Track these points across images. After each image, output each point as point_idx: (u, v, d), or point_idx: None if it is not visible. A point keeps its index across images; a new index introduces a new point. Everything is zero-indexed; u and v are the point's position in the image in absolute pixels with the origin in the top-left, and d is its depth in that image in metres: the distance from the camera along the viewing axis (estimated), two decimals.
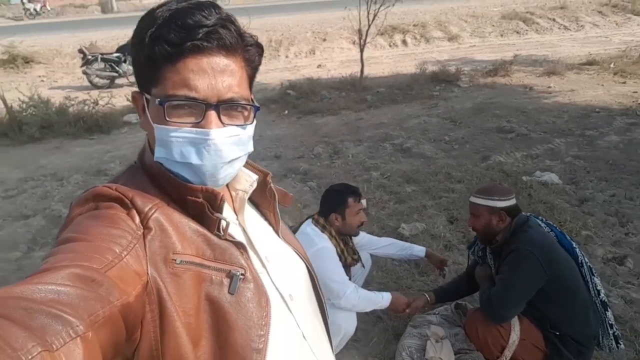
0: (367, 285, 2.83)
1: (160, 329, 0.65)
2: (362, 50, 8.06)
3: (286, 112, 7.37)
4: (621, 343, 2.08)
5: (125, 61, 10.08)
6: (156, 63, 0.69)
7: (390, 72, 9.43)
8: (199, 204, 0.73)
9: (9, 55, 12.26)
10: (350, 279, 2.45)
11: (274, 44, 12.50)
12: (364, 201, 4.07)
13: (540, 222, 2.17)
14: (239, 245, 0.76)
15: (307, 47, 12.16)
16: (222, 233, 0.74)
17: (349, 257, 2.29)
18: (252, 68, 0.78)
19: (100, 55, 10.06)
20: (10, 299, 0.49)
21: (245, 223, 0.85)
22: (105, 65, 10.10)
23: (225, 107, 0.72)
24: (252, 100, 0.78)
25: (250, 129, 0.78)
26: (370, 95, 7.82)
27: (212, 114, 0.71)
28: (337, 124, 6.65)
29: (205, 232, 0.74)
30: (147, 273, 0.65)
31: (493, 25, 12.48)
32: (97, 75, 10.19)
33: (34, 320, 0.47)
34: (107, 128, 7.15)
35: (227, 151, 0.73)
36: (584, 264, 2.10)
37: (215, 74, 0.70)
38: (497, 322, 1.99)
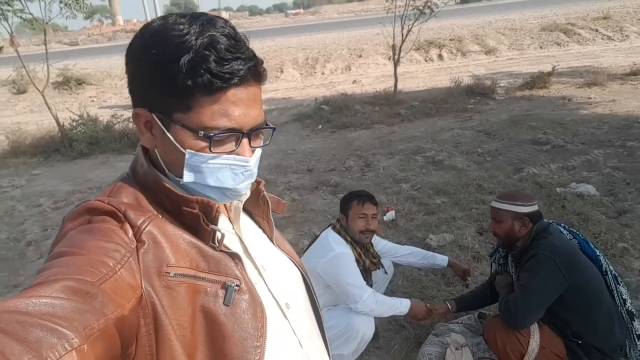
0: (392, 294, 2.85)
1: (155, 342, 0.65)
2: (395, 66, 8.12)
3: (320, 126, 7.50)
4: None
5: None
6: (190, 91, 0.68)
7: (425, 86, 9.44)
8: (195, 215, 0.73)
9: (63, 78, 13.11)
10: (371, 285, 2.49)
11: (311, 61, 12.77)
12: (391, 212, 4.12)
13: (562, 229, 2.15)
14: (233, 256, 0.76)
15: (342, 64, 12.33)
16: (217, 245, 0.74)
17: (367, 261, 2.33)
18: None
19: None
20: (5, 313, 0.48)
21: (241, 232, 0.86)
22: None
23: (254, 132, 0.75)
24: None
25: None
26: (404, 109, 7.85)
27: (246, 142, 0.74)
28: (370, 138, 6.71)
29: (200, 243, 0.74)
30: (141, 287, 0.65)
31: (532, 38, 12.26)
32: None
33: (29, 334, 0.47)
34: None
35: (255, 171, 0.78)
36: (609, 272, 2.06)
37: (250, 103, 0.72)
38: (515, 328, 1.97)
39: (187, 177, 0.74)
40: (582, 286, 1.95)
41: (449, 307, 2.35)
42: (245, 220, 0.91)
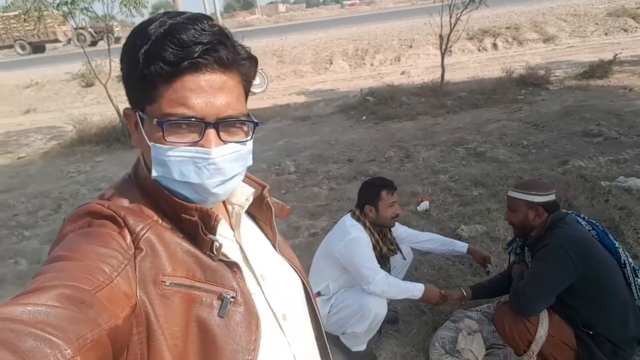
0: (418, 281, 2.91)
1: (147, 352, 0.65)
2: (443, 56, 7.98)
3: (364, 117, 7.55)
4: None
5: None
6: (151, 81, 0.68)
7: (475, 76, 9.21)
8: (193, 222, 0.72)
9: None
10: (389, 269, 2.57)
11: (360, 52, 12.76)
12: (425, 203, 4.14)
13: (580, 220, 2.12)
14: (232, 266, 0.75)
15: (392, 55, 12.24)
16: (215, 254, 0.73)
17: (384, 247, 2.41)
18: (247, 82, 0.77)
19: None
20: (0, 321, 0.49)
21: (241, 239, 0.84)
22: None
23: (224, 124, 0.71)
24: (249, 115, 0.77)
25: (250, 144, 0.77)
26: (451, 100, 7.71)
27: (212, 133, 0.70)
28: (413, 129, 6.68)
29: (197, 252, 0.73)
30: (136, 295, 0.64)
31: (597, 24, 11.56)
32: None
33: (22, 343, 0.46)
34: None
35: (228, 168, 0.73)
36: (627, 265, 2.02)
37: (213, 91, 0.69)
38: (523, 315, 1.99)
39: (155, 170, 0.72)
40: (596, 277, 1.93)
41: (464, 293, 2.38)
42: (249, 225, 0.90)
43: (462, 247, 2.58)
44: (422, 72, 10.34)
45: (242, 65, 0.74)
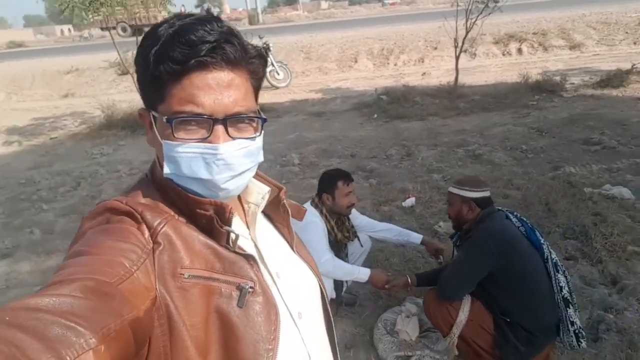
0: (386, 271, 3.10)
1: (170, 343, 0.66)
2: (457, 59, 8.07)
3: (375, 115, 7.72)
4: (582, 341, 2.11)
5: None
6: (161, 81, 0.70)
7: (494, 80, 9.21)
8: (208, 216, 0.73)
9: None
10: (347, 255, 2.78)
11: (385, 52, 12.88)
12: (411, 199, 4.31)
13: (511, 217, 2.28)
14: (248, 258, 0.76)
15: (416, 56, 12.30)
16: (232, 245, 0.74)
17: (339, 234, 2.63)
18: (256, 80, 0.78)
19: None
20: (26, 310, 0.50)
21: (257, 237, 0.85)
22: None
23: (233, 121, 0.73)
24: (258, 112, 0.78)
25: (259, 140, 0.78)
26: (464, 102, 7.79)
27: (220, 129, 0.72)
28: (420, 129, 6.82)
29: (214, 244, 0.74)
30: (156, 288, 0.66)
31: (626, 32, 11.29)
32: None
33: (49, 331, 0.48)
34: None
35: (237, 164, 0.74)
36: (549, 260, 2.17)
37: (220, 89, 0.71)
38: (446, 300, 2.18)
39: (167, 167, 0.74)
40: (516, 269, 2.09)
41: (409, 280, 2.58)
42: (266, 226, 0.91)
43: (416, 238, 2.76)
44: (442, 74, 10.39)
45: (251, 63, 0.75)
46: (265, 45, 11.21)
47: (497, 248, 2.08)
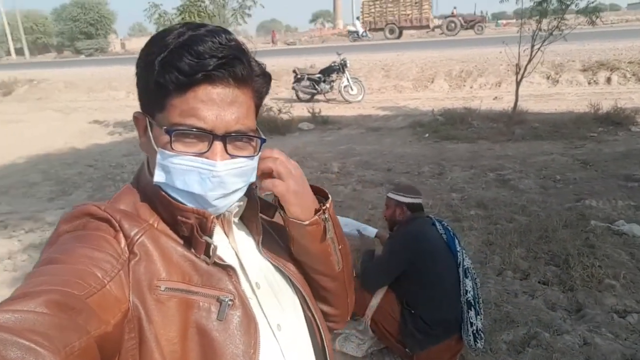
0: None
1: (139, 357, 0.65)
2: (517, 84, 8.00)
3: (427, 135, 7.92)
4: (479, 342, 2.34)
5: (324, 81, 12.06)
6: (165, 89, 0.69)
7: (566, 109, 8.90)
8: (189, 225, 0.72)
9: None
10: None
11: (464, 74, 12.84)
12: None
13: (437, 224, 2.56)
14: (228, 269, 0.75)
15: (495, 79, 12.12)
16: (210, 256, 0.73)
17: None
18: (259, 98, 0.78)
19: (306, 75, 12.29)
20: None
21: (237, 245, 0.83)
22: (309, 83, 12.26)
23: (232, 138, 0.72)
24: (258, 131, 0.77)
25: (256, 159, 0.77)
26: (521, 129, 7.70)
27: (219, 145, 0.71)
28: (464, 151, 6.93)
29: (193, 256, 0.73)
30: (129, 300, 0.65)
31: None
32: (301, 91, 12.45)
33: (6, 353, 0.46)
34: (284, 131, 8.99)
35: (230, 183, 0.73)
36: (461, 266, 2.43)
37: (224, 105, 0.70)
38: (365, 289, 2.52)
39: (158, 176, 0.72)
40: (423, 267, 2.40)
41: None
42: (240, 231, 0.87)
43: (371, 232, 3.10)
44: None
45: (255, 82, 0.75)
46: (342, 62, 11.87)
47: (409, 247, 2.40)
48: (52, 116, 13.39)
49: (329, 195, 0.87)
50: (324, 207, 0.83)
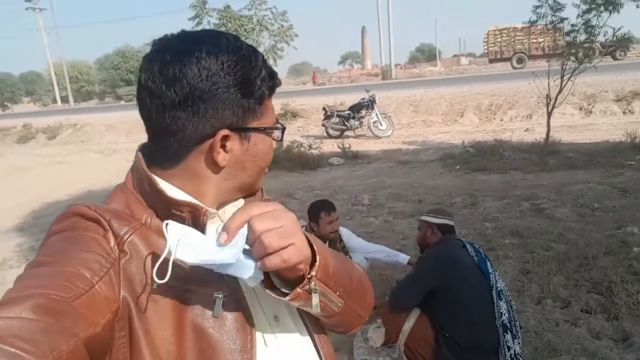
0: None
1: (130, 356, 0.65)
2: (549, 116, 7.94)
3: (457, 167, 7.89)
4: None
5: (353, 117, 12.26)
6: (262, 98, 0.76)
7: (600, 138, 8.72)
8: (183, 219, 0.71)
9: (284, 111, 16.25)
10: None
11: (494, 107, 12.82)
12: None
13: (468, 246, 2.55)
14: None
15: (525, 112, 12.05)
16: None
17: None
18: None
19: (336, 112, 12.55)
20: None
21: None
22: (339, 120, 12.49)
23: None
24: None
25: None
26: (554, 159, 7.57)
27: None
28: (496, 182, 6.85)
29: None
30: (119, 299, 0.64)
31: None
32: (331, 128, 12.67)
33: None
34: (314, 166, 9.12)
35: None
36: (494, 288, 2.40)
37: None
38: (392, 309, 2.51)
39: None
40: (455, 289, 2.38)
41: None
42: None
43: (404, 259, 3.11)
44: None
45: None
46: (371, 98, 12.08)
47: (438, 268, 2.39)
48: (94, 157, 14.06)
49: (317, 257, 0.72)
50: (308, 276, 0.71)
